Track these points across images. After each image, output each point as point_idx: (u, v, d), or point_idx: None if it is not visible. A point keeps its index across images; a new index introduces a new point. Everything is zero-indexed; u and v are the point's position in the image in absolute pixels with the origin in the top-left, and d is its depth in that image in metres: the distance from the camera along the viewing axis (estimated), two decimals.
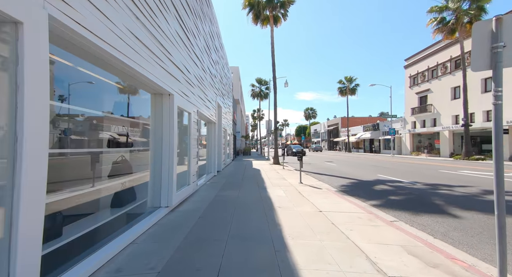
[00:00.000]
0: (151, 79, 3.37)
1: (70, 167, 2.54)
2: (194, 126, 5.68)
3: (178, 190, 4.48)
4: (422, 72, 23.68)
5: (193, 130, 5.56)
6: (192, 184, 5.52)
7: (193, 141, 5.66)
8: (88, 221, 2.60)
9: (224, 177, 8.97)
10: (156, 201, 3.96)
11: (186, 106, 5.00)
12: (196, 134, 5.97)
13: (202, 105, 6.85)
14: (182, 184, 5.05)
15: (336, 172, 10.87)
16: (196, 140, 6.01)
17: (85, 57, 2.42)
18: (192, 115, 5.49)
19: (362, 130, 36.26)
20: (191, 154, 5.42)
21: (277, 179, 8.49)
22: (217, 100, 9.60)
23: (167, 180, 4.00)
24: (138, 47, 3.01)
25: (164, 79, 3.80)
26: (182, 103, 4.69)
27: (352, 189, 6.71)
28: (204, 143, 8.86)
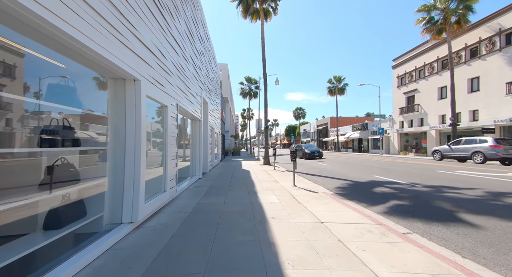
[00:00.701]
0: (106, 58, 2.52)
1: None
2: (172, 121, 4.82)
3: (148, 200, 3.62)
4: (410, 72, 23.99)
5: (170, 127, 4.70)
6: (169, 190, 4.66)
7: (171, 139, 4.80)
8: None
9: (210, 180, 8.13)
10: (116, 216, 3.09)
11: (161, 97, 4.14)
12: (175, 131, 5.11)
13: (184, 98, 5.98)
14: (156, 191, 4.18)
15: (329, 173, 10.34)
16: (176, 138, 5.15)
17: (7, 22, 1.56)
18: (169, 108, 4.63)
19: (351, 130, 36.52)
20: (168, 155, 4.56)
21: (268, 182, 7.77)
22: (202, 95, 8.73)
23: (132, 189, 3.14)
24: (89, 15, 2.16)
25: (127, 59, 2.95)
26: (155, 93, 3.83)
27: (350, 193, 6.12)
28: (187, 142, 7.97)
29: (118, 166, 3.12)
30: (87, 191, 2.85)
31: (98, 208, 2.96)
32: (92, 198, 2.91)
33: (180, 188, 5.79)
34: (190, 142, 8.36)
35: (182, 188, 6.02)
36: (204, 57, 9.44)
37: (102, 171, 3.05)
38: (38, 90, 2.19)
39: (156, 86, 3.95)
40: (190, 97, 6.81)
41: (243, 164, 14.79)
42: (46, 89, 2.28)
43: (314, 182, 7.88)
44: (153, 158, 4.22)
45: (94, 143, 3.00)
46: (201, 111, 8.63)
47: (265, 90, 14.67)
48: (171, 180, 4.77)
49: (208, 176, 9.17)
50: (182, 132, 7.10)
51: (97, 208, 2.94)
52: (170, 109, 4.70)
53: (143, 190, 3.34)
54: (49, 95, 2.30)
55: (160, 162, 4.46)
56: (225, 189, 6.40)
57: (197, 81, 7.96)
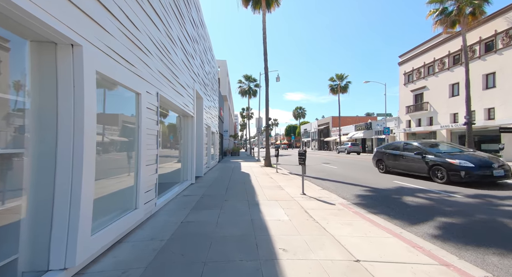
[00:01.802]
0: (20, 7, 1.38)
1: None
2: (148, 114, 3.67)
3: (100, 228, 2.47)
4: (418, 68, 22.85)
5: (146, 122, 3.55)
6: (144, 206, 3.50)
7: (148, 138, 3.65)
8: None
9: (204, 186, 6.97)
10: (40, 259, 1.94)
11: (128, 79, 2.99)
12: (155, 128, 3.96)
13: (169, 88, 4.83)
14: (121, 210, 3.03)
15: (340, 176, 9.20)
16: (155, 137, 4.00)
17: None
18: (144, 97, 3.48)
19: (354, 130, 35.41)
20: (143, 159, 3.41)
21: (272, 188, 6.63)
22: (195, 88, 7.58)
23: (67, 213, 2.00)
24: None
25: (57, 10, 1.80)
26: (116, 72, 2.68)
27: (374, 204, 4.98)
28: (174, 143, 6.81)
29: (43, 179, 1.97)
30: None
31: (8, 247, 1.81)
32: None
33: (163, 199, 4.64)
34: (181, 142, 7.21)
35: (167, 199, 4.86)
36: (198, 45, 8.29)
37: (17, 186, 1.90)
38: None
39: (118, 62, 2.79)
40: (179, 88, 5.66)
41: (243, 166, 13.65)
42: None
43: (325, 189, 6.75)
44: (116, 164, 3.06)
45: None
46: (194, 106, 7.47)
47: (266, 85, 13.53)
48: (147, 191, 3.62)
49: (202, 180, 8.01)
50: (172, 131, 5.96)
51: (6, 247, 1.80)
52: (146, 98, 3.55)
53: (90, 213, 2.19)
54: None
55: (130, 169, 3.30)
56: (220, 199, 5.24)
57: (189, 71, 6.80)
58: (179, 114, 6.74)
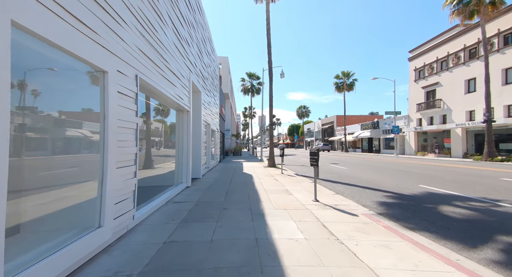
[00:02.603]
0: None
1: None
2: (121, 101, 2.81)
3: (28, 267, 1.60)
4: (430, 64, 21.67)
5: (116, 110, 2.70)
6: (112, 223, 2.64)
7: (119, 132, 2.80)
8: None
9: (201, 189, 6.12)
10: None
11: (81, 47, 2.13)
12: (133, 119, 3.11)
13: (155, 73, 3.98)
14: (71, 234, 2.17)
15: (353, 179, 8.26)
16: (134, 131, 3.14)
17: None
18: (113, 77, 2.62)
19: (360, 129, 34.28)
20: (111, 159, 2.56)
21: (278, 192, 5.74)
22: (191, 79, 6.72)
23: None
24: None
25: None
26: (52, 29, 1.82)
27: (406, 215, 4.06)
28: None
29: None
30: None
31: None
32: None
33: (147, 209, 3.78)
34: (175, 140, 6.36)
35: (153, 207, 4.01)
36: (195, 32, 7.43)
37: None
38: None
39: (64, 19, 1.92)
40: (170, 76, 4.80)
41: (245, 166, 12.78)
42: None
43: (338, 193, 5.86)
44: (62, 168, 2.21)
45: None
46: (189, 99, 6.62)
47: (270, 80, 12.62)
48: (119, 202, 2.76)
49: (199, 183, 7.16)
50: (164, 127, 5.09)
51: None
52: (117, 79, 2.69)
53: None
54: None
55: (88, 174, 2.44)
56: (218, 206, 4.38)
57: (183, 58, 5.94)
58: (172, 108, 5.88)
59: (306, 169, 11.79)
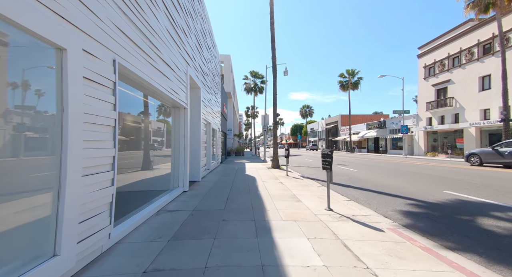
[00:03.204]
0: None
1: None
2: (91, 90, 2.21)
3: None
4: (441, 60, 20.74)
5: (82, 101, 2.10)
6: (75, 248, 2.03)
7: (87, 130, 2.20)
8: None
9: (199, 195, 5.51)
10: None
11: (31, 17, 1.51)
12: (109, 114, 2.51)
13: (142, 60, 3.37)
14: (15, 266, 1.56)
15: (365, 182, 7.57)
16: (111, 129, 2.54)
17: None
18: (77, 58, 2.02)
19: (365, 128, 33.40)
20: (72, 164, 1.96)
21: (285, 199, 5.10)
22: (188, 72, 6.11)
23: None
24: None
25: None
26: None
27: (442, 230, 3.39)
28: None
29: None
30: None
31: None
32: None
33: (131, 221, 3.17)
34: (172, 140, 5.77)
35: (141, 218, 3.41)
36: (193, 22, 6.83)
37: None
38: None
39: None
40: (162, 67, 4.20)
41: (247, 168, 12.16)
42: None
43: (352, 199, 5.21)
44: None
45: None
46: (187, 95, 6.02)
47: (274, 76, 11.98)
48: (85, 220, 2.15)
49: (198, 187, 6.56)
50: (158, 125, 4.46)
51: None
52: (83, 61, 2.09)
53: None
54: None
55: (46, 184, 1.84)
56: (216, 217, 3.76)
57: (179, 49, 5.34)
58: (166, 103, 5.28)
59: (313, 170, 11.13)
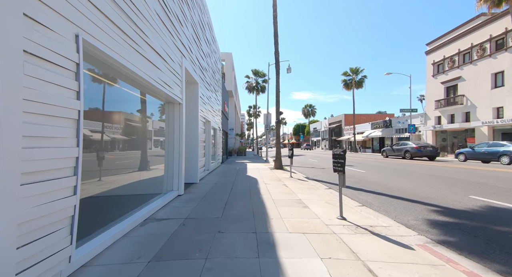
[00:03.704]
0: None
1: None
2: (34, 69, 1.67)
3: None
4: (451, 57, 19.94)
5: (14, 78, 1.55)
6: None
7: (23, 124, 1.65)
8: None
9: (194, 199, 4.97)
10: None
11: None
12: (72, 105, 1.98)
13: (121, 41, 2.85)
14: None
15: (377, 186, 6.97)
16: (73, 123, 2.01)
17: None
18: (10, 24, 1.47)
19: (370, 128, 32.64)
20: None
21: (290, 204, 4.53)
22: (184, 64, 5.58)
23: None
24: None
25: None
26: None
27: (481, 248, 2.80)
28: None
29: None
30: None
31: None
32: None
33: (106, 236, 2.63)
34: (166, 139, 5.25)
35: (120, 231, 2.88)
36: (190, 10, 6.30)
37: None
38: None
39: None
40: (150, 54, 3.67)
41: (249, 168, 11.62)
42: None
43: (365, 205, 4.65)
44: None
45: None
46: (181, 89, 5.49)
47: (277, 73, 11.41)
48: (29, 243, 1.62)
49: (195, 190, 6.02)
50: (147, 123, 3.90)
51: None
52: (22, 30, 1.54)
53: None
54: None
55: None
56: (211, 228, 3.21)
57: (172, 37, 4.81)
58: (159, 99, 4.75)
59: (318, 171, 10.54)
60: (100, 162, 2.88)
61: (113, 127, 3.19)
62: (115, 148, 3.30)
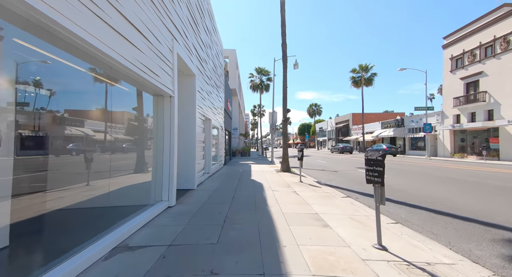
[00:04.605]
0: None
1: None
2: None
3: None
4: (471, 50, 18.49)
5: None
6: None
7: None
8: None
9: (187, 213, 4.04)
10: None
11: None
12: None
13: (84, 11, 1.91)
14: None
15: (405, 194, 5.92)
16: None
17: None
18: None
19: (380, 127, 31.24)
20: None
21: (306, 222, 3.54)
22: (175, 50, 4.66)
23: None
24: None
25: None
26: None
27: None
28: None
29: None
30: None
31: None
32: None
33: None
34: (154, 138, 4.35)
35: (69, 273, 1.95)
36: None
37: None
38: None
39: None
40: (122, 25, 2.75)
41: (253, 171, 10.67)
42: None
43: (401, 222, 3.67)
44: None
45: None
46: (173, 80, 4.58)
47: (284, 66, 10.43)
48: None
49: (190, 199, 5.10)
50: (132, 119, 3.01)
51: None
52: None
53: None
54: None
55: None
56: (200, 265, 2.27)
57: (159, 12, 3.90)
58: (143, 89, 3.83)
59: (329, 175, 9.51)
60: (55, 166, 1.98)
61: (90, 123, 2.29)
62: (88, 149, 2.40)
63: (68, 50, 2.20)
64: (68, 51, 2.20)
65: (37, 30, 1.85)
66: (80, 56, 2.36)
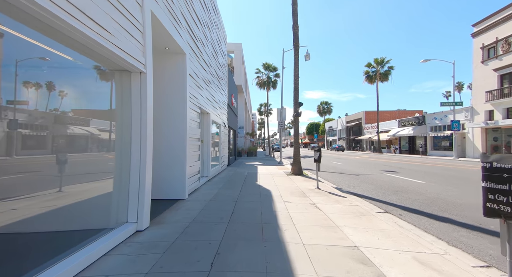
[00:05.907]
0: None
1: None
2: None
3: None
4: (506, 38, 16.29)
5: None
6: None
7: None
8: None
9: (161, 242, 2.67)
10: None
11: None
12: None
13: None
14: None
15: (473, 212, 4.35)
16: None
17: None
18: None
19: (397, 125, 29.06)
20: None
21: (342, 264, 2.10)
22: (146, 3, 3.30)
23: None
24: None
25: None
26: None
27: None
28: None
29: None
30: None
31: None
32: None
33: None
34: (116, 132, 3.02)
35: None
36: None
37: None
38: None
39: None
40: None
41: (260, 173, 9.26)
42: None
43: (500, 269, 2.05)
44: None
45: None
46: (144, 49, 3.25)
47: (295, 52, 8.98)
48: None
49: (172, 217, 3.74)
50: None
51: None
52: None
53: None
54: None
55: None
56: None
57: None
58: (98, 60, 2.49)
59: (350, 179, 7.97)
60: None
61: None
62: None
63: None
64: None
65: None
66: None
